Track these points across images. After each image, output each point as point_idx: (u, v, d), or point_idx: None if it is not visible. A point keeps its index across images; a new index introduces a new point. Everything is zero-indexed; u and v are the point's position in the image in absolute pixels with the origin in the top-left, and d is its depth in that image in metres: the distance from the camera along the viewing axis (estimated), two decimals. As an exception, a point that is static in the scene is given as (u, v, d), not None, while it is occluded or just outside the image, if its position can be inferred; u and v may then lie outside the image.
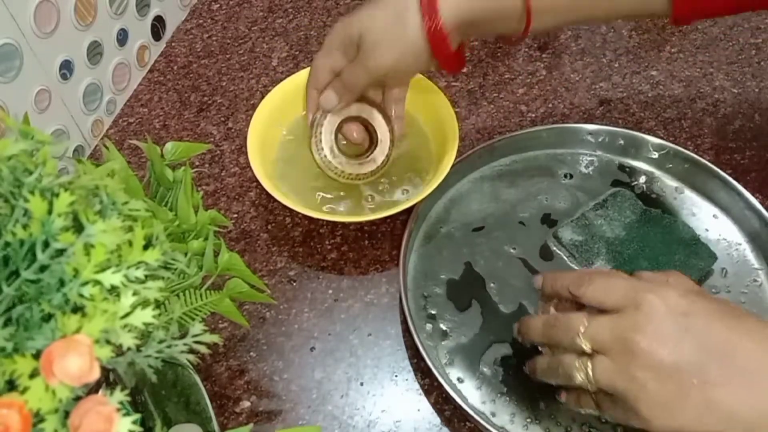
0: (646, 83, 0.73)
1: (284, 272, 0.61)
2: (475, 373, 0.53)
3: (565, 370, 0.44)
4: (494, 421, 0.51)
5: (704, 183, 0.62)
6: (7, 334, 0.27)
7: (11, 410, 0.25)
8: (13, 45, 0.55)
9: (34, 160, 0.29)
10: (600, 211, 0.61)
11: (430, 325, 0.56)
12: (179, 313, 0.39)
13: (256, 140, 0.60)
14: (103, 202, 0.30)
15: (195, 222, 0.42)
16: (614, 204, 0.61)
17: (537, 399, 0.52)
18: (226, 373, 0.55)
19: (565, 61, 0.76)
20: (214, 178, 0.67)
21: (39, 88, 0.59)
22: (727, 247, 0.59)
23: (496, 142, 0.64)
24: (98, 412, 0.26)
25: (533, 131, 0.65)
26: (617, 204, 0.61)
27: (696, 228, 0.60)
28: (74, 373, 0.26)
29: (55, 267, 0.27)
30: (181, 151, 0.46)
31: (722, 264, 0.58)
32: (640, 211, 0.61)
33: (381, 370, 0.55)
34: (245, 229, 0.63)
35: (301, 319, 0.58)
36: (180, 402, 0.43)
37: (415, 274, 0.59)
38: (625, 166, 0.65)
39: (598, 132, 0.65)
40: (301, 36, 0.79)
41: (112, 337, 0.27)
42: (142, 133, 0.70)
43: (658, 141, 0.63)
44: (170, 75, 0.75)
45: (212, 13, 0.81)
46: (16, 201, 0.28)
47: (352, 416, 0.53)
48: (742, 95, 0.72)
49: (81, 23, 0.63)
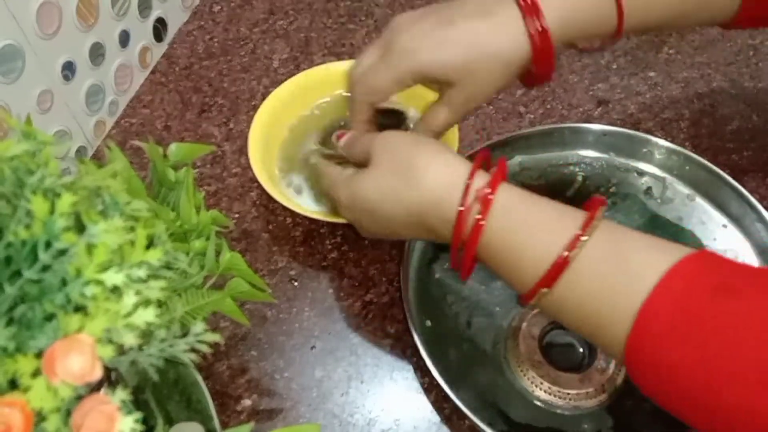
0: (644, 84, 0.73)
1: (285, 272, 0.61)
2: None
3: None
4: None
5: (716, 192, 0.61)
6: (9, 333, 0.27)
7: (13, 409, 0.25)
8: (16, 46, 0.55)
9: (36, 160, 0.29)
10: (608, 213, 0.60)
11: (429, 324, 0.56)
12: (181, 312, 0.39)
13: (258, 141, 0.60)
14: (105, 202, 0.31)
15: (197, 222, 0.42)
16: (622, 207, 0.61)
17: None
18: (228, 372, 0.55)
19: (564, 62, 0.76)
20: (215, 178, 0.67)
21: (41, 89, 0.59)
22: (734, 258, 0.59)
23: (495, 143, 0.64)
24: (100, 411, 0.26)
25: (535, 130, 0.65)
26: (625, 207, 0.61)
27: (703, 237, 0.59)
28: (76, 372, 0.26)
29: (57, 267, 0.27)
30: (185, 152, 0.46)
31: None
32: (648, 216, 0.60)
33: (381, 369, 0.56)
34: (246, 229, 0.64)
35: (301, 318, 0.58)
36: (181, 400, 0.43)
37: (415, 274, 0.59)
38: (636, 169, 0.64)
39: (606, 132, 0.64)
40: (301, 38, 0.79)
41: (114, 337, 0.27)
42: (145, 134, 0.71)
43: (669, 145, 0.62)
44: (172, 76, 0.76)
45: (213, 14, 0.82)
46: (18, 201, 0.28)
47: (353, 414, 0.53)
48: (740, 96, 0.72)
49: (83, 24, 0.63)
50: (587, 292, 0.40)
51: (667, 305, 0.37)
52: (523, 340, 0.57)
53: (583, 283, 0.40)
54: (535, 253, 0.41)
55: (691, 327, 0.36)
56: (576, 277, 0.40)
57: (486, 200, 0.42)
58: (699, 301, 0.37)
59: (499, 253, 0.43)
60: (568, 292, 0.41)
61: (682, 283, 0.37)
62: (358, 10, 0.82)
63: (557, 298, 0.41)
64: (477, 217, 0.42)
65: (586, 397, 0.54)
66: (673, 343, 0.36)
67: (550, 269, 0.40)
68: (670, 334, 0.36)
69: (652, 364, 0.38)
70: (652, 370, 0.38)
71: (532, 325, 0.57)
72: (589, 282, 0.40)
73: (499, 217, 0.42)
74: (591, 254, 0.40)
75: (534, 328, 0.57)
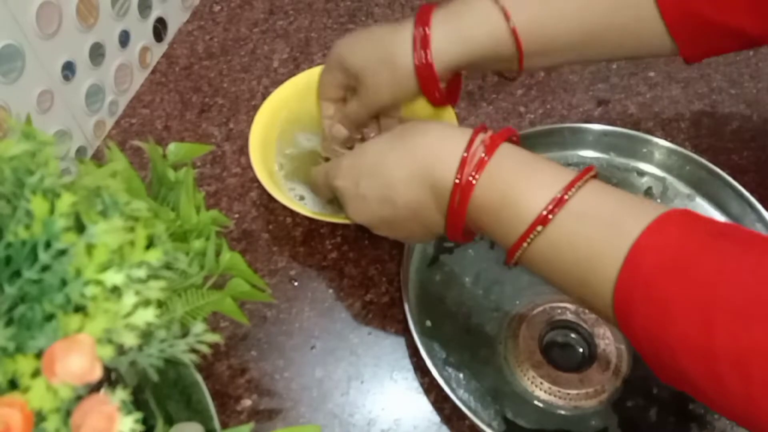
0: (644, 84, 0.73)
1: (285, 272, 0.61)
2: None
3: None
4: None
5: (716, 192, 0.61)
6: (9, 333, 0.27)
7: (13, 409, 0.25)
8: (16, 46, 0.55)
9: (36, 160, 0.29)
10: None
11: (429, 324, 0.56)
12: (181, 312, 0.39)
13: (258, 141, 0.60)
14: (105, 202, 0.31)
15: (197, 222, 0.42)
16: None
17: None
18: (228, 372, 0.55)
19: (565, 61, 0.76)
20: (215, 178, 0.67)
21: (41, 89, 0.59)
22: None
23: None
24: (100, 411, 0.26)
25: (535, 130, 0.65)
26: None
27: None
28: (76, 372, 0.26)
29: (56, 267, 0.27)
30: (184, 152, 0.46)
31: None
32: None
33: (381, 369, 0.56)
34: (246, 229, 0.64)
35: (301, 318, 0.58)
36: (181, 401, 0.43)
37: (415, 274, 0.59)
38: (636, 169, 0.64)
39: (606, 132, 0.64)
40: (301, 38, 0.79)
41: (113, 337, 0.27)
42: (144, 134, 0.71)
43: (669, 145, 0.63)
44: (172, 76, 0.76)
45: (213, 14, 0.82)
46: (18, 201, 0.28)
47: (353, 414, 0.53)
48: (740, 96, 0.72)
49: (83, 24, 0.63)
50: (575, 237, 0.40)
51: (661, 243, 0.36)
52: (523, 340, 0.57)
53: (572, 228, 0.40)
54: (527, 200, 0.41)
55: (690, 262, 0.35)
56: (566, 221, 0.40)
57: (492, 143, 0.44)
58: (696, 239, 0.36)
59: (487, 212, 0.43)
60: (556, 238, 0.40)
61: (674, 225, 0.37)
62: (358, 10, 0.82)
63: (543, 247, 0.41)
64: (481, 156, 0.43)
65: (586, 397, 0.54)
66: (668, 279, 0.35)
67: (538, 217, 0.40)
68: (666, 269, 0.35)
69: (644, 302, 0.36)
70: (644, 311, 0.36)
71: (532, 326, 0.57)
72: (578, 226, 0.40)
73: (500, 163, 0.43)
74: (582, 200, 0.40)
75: (534, 328, 0.57)
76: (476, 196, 0.43)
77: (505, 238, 0.43)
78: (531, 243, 0.41)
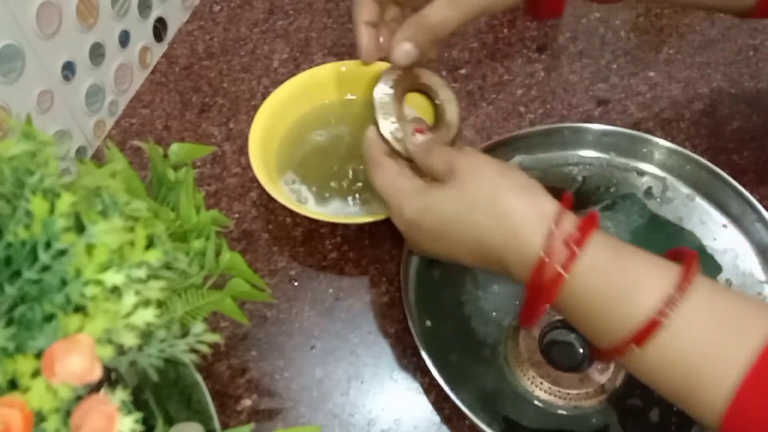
0: (644, 84, 0.73)
1: (285, 272, 0.61)
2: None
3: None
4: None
5: (716, 192, 0.61)
6: (9, 333, 0.27)
7: (13, 410, 0.25)
8: (16, 46, 0.55)
9: (36, 160, 0.29)
10: (608, 213, 0.61)
11: (429, 324, 0.56)
12: (181, 312, 0.39)
13: (258, 141, 0.60)
14: (105, 202, 0.31)
15: (196, 222, 0.42)
16: (623, 207, 0.61)
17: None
18: (228, 372, 0.55)
19: (564, 62, 0.76)
20: (215, 178, 0.67)
21: (41, 89, 0.59)
22: (734, 258, 0.59)
23: (495, 143, 0.64)
24: (100, 411, 0.26)
25: (535, 130, 0.65)
26: (626, 207, 0.61)
27: (704, 237, 0.59)
28: (76, 372, 0.26)
29: (56, 267, 0.28)
30: (186, 153, 0.46)
31: (727, 275, 0.58)
32: (648, 216, 0.60)
33: (381, 369, 0.56)
34: (246, 229, 0.64)
35: (301, 318, 0.58)
36: (181, 401, 0.43)
37: (415, 274, 0.59)
38: (636, 169, 0.64)
39: (606, 132, 0.64)
40: (301, 38, 0.79)
41: (113, 337, 0.27)
42: (144, 134, 0.71)
43: (669, 145, 0.62)
44: (172, 76, 0.76)
45: (213, 14, 0.82)
46: (18, 201, 0.28)
47: (353, 414, 0.53)
48: (740, 96, 0.72)
49: (83, 24, 0.63)
50: (683, 354, 0.37)
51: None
52: (523, 340, 0.57)
53: (679, 345, 0.37)
54: (622, 310, 0.39)
55: None
56: (671, 338, 0.37)
57: (573, 251, 0.40)
58: None
59: (581, 306, 0.40)
60: (662, 353, 0.38)
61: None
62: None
63: (648, 358, 0.39)
64: (559, 270, 0.40)
65: (586, 397, 0.54)
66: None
67: (642, 329, 0.38)
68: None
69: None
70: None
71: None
72: (686, 344, 0.37)
73: (586, 270, 0.40)
74: (688, 315, 0.37)
75: (534, 328, 0.57)
76: (563, 294, 0.41)
77: (605, 334, 0.40)
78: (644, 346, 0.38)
